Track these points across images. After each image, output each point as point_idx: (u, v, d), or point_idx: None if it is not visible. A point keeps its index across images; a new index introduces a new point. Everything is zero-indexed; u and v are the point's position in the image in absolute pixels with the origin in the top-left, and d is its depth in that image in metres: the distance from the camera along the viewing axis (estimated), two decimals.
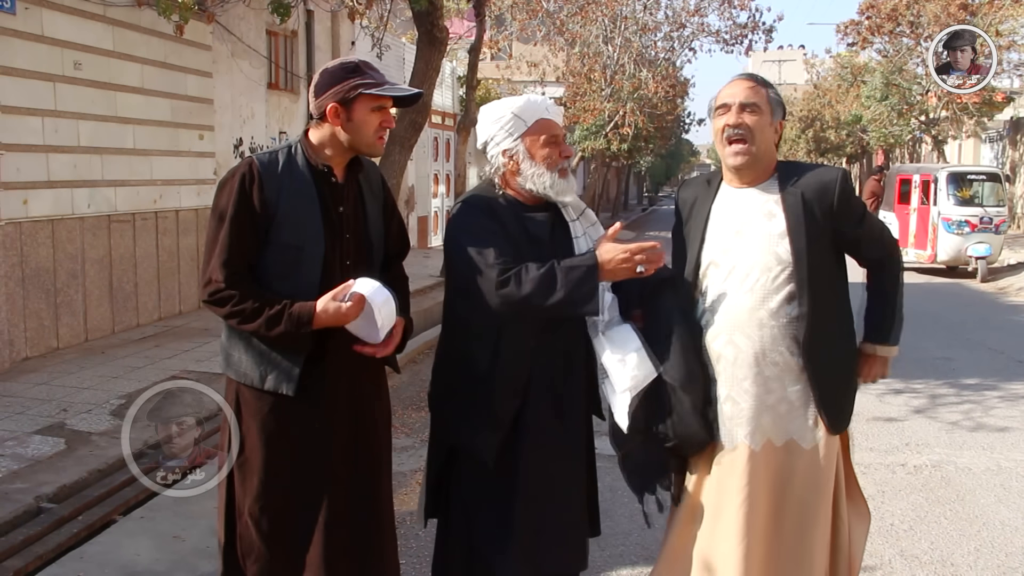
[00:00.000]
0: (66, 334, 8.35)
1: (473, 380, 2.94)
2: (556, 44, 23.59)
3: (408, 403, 7.15)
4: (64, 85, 8.21)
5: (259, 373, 2.84)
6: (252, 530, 2.88)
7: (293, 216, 2.82)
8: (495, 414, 2.91)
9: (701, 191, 3.09)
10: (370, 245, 3.01)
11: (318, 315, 2.75)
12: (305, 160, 2.89)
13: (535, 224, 2.97)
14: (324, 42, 14.14)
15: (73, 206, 8.38)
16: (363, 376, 2.99)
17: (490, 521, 2.96)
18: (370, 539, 3.01)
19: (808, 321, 2.83)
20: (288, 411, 2.86)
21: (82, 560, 4.11)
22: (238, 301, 2.76)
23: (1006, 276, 16.78)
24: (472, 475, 3.00)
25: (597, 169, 30.23)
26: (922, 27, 22.37)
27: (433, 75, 8.96)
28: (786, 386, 2.88)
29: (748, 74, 3.00)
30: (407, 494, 4.96)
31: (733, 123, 2.88)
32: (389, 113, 2.92)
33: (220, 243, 2.78)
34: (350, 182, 2.97)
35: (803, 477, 2.88)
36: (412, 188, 18.90)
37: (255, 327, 2.77)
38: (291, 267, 2.83)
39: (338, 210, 2.91)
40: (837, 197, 2.88)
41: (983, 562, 4.37)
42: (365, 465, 3.00)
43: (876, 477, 5.52)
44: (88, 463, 5.17)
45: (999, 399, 7.56)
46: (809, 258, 2.83)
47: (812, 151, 40.46)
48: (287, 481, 2.88)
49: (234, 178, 2.82)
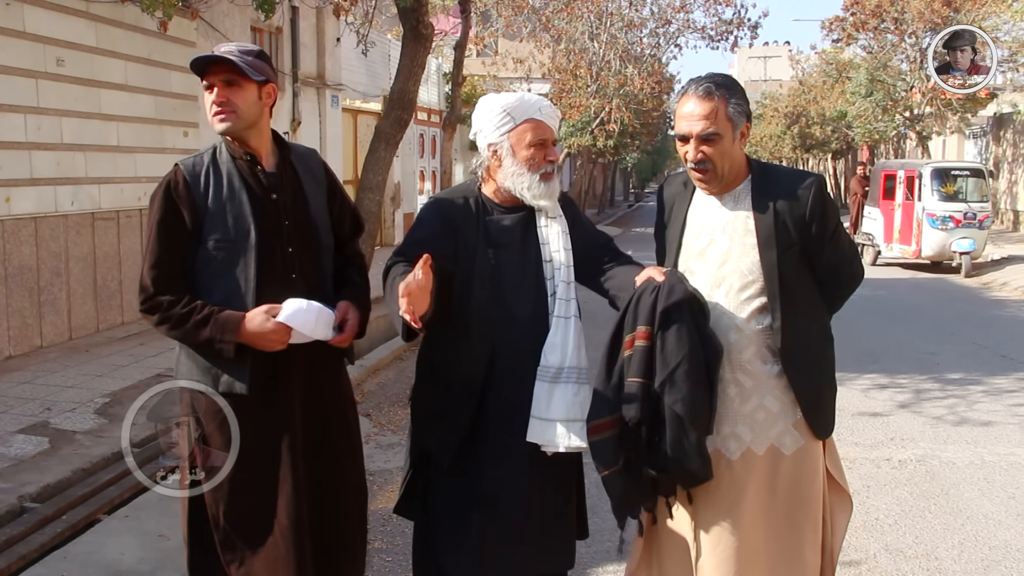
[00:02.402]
0: (50, 332, 8.30)
1: (435, 381, 2.97)
2: (542, 40, 23.58)
3: (394, 400, 7.14)
4: (47, 82, 8.14)
5: (211, 376, 2.85)
6: (231, 535, 2.88)
7: (222, 213, 2.83)
8: (451, 416, 2.92)
9: (679, 192, 3.04)
10: (315, 230, 3.00)
11: (244, 325, 2.76)
12: (229, 155, 2.90)
13: (500, 228, 2.97)
14: (309, 39, 14.10)
15: (56, 204, 8.33)
16: (318, 370, 2.98)
17: (447, 522, 2.96)
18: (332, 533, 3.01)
19: (783, 333, 2.80)
20: (245, 413, 2.85)
21: (66, 560, 4.09)
22: (167, 307, 2.79)
23: (990, 271, 16.87)
24: (436, 476, 3.01)
25: (583, 166, 30.26)
26: (906, 23, 22.49)
27: (419, 71, 8.93)
28: (763, 395, 2.85)
29: (704, 88, 2.79)
30: (392, 491, 4.95)
31: (693, 159, 2.79)
32: (216, 90, 2.83)
33: (149, 251, 2.83)
34: (283, 169, 2.97)
35: (788, 482, 2.86)
36: (398, 185, 18.87)
37: (182, 333, 2.80)
38: (226, 262, 2.84)
39: (271, 198, 2.91)
40: (810, 210, 2.81)
41: (967, 555, 4.40)
42: (326, 460, 2.99)
43: (861, 472, 5.54)
44: (72, 462, 5.14)
45: (983, 393, 7.60)
46: (780, 269, 2.79)
47: (797, 147, 40.59)
48: (252, 483, 2.87)
49: (161, 187, 2.86)
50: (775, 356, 2.83)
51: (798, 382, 2.84)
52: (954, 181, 17.23)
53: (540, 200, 2.95)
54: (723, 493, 2.84)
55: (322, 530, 2.98)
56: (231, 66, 2.82)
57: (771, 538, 2.85)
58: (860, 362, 8.59)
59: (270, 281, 2.84)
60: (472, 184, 3.07)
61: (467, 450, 2.93)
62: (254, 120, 2.89)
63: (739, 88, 2.86)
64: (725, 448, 2.85)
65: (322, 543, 2.98)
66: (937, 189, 17.04)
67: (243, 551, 2.88)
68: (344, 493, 3.05)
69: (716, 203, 2.92)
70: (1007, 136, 25.61)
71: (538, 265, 2.97)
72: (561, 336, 2.89)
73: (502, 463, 2.92)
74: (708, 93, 2.77)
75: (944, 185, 17.10)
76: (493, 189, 3.02)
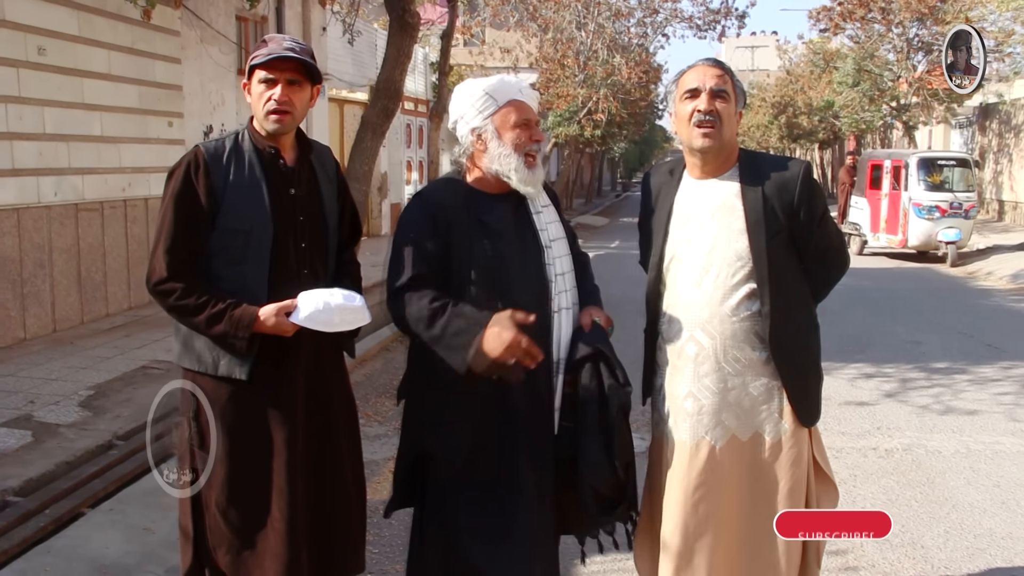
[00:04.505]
0: (33, 324, 8.24)
1: (442, 382, 2.83)
2: (529, 30, 23.56)
3: (381, 391, 7.12)
4: (28, 71, 8.07)
5: (212, 358, 2.81)
6: (221, 521, 2.85)
7: (240, 201, 2.79)
8: (463, 418, 2.83)
9: (665, 181, 3.03)
10: (326, 228, 2.98)
11: (259, 323, 2.73)
12: (252, 145, 2.85)
13: (494, 217, 2.87)
14: (295, 28, 14.01)
15: (39, 194, 8.26)
16: (321, 359, 2.95)
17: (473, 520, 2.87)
18: (331, 526, 2.99)
19: (772, 318, 2.80)
20: (246, 398, 2.83)
21: (49, 554, 4.05)
22: (181, 295, 2.74)
23: (975, 261, 16.95)
24: (445, 475, 2.90)
25: (570, 155, 30.23)
26: (893, 13, 22.53)
27: (405, 61, 8.89)
28: (748, 382, 2.85)
29: (713, 60, 2.92)
30: (380, 482, 4.93)
31: (705, 109, 2.79)
32: (279, 87, 2.80)
33: (165, 233, 2.76)
34: (302, 164, 2.93)
35: (773, 469, 2.86)
36: (385, 175, 18.82)
37: (196, 323, 2.75)
38: (239, 252, 2.80)
39: (289, 192, 2.88)
40: (798, 195, 2.81)
41: (952, 543, 4.41)
42: (326, 451, 2.97)
43: (848, 461, 5.55)
44: (56, 455, 5.11)
45: (968, 382, 7.63)
46: (769, 254, 2.79)
47: (784, 137, 40.66)
48: (249, 470, 2.85)
49: (180, 168, 2.79)
50: (763, 343, 2.83)
51: (785, 369, 2.85)
52: (940, 171, 17.31)
53: (525, 186, 2.88)
54: (707, 479, 2.85)
55: (324, 521, 2.96)
56: (298, 66, 2.79)
57: (754, 525, 2.86)
58: (846, 351, 8.61)
59: (282, 276, 2.82)
60: (456, 174, 2.97)
61: (477, 446, 2.85)
62: (301, 120, 2.89)
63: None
64: (710, 435, 2.85)
65: (324, 534, 2.96)
66: (923, 179, 17.11)
67: (231, 537, 2.85)
68: (346, 484, 3.04)
69: (704, 189, 2.91)
70: (993, 126, 25.70)
71: (538, 253, 2.90)
72: (567, 329, 2.89)
73: (515, 458, 2.85)
74: (717, 63, 2.88)
75: (930, 175, 17.16)
76: (478, 177, 2.91)
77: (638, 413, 3.23)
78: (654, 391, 3.05)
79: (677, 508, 2.88)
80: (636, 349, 3.12)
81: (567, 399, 2.86)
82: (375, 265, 5.83)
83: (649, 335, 3.06)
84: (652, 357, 3.05)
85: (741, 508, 2.87)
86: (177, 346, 2.91)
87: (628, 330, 3.81)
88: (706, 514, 2.85)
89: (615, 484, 2.82)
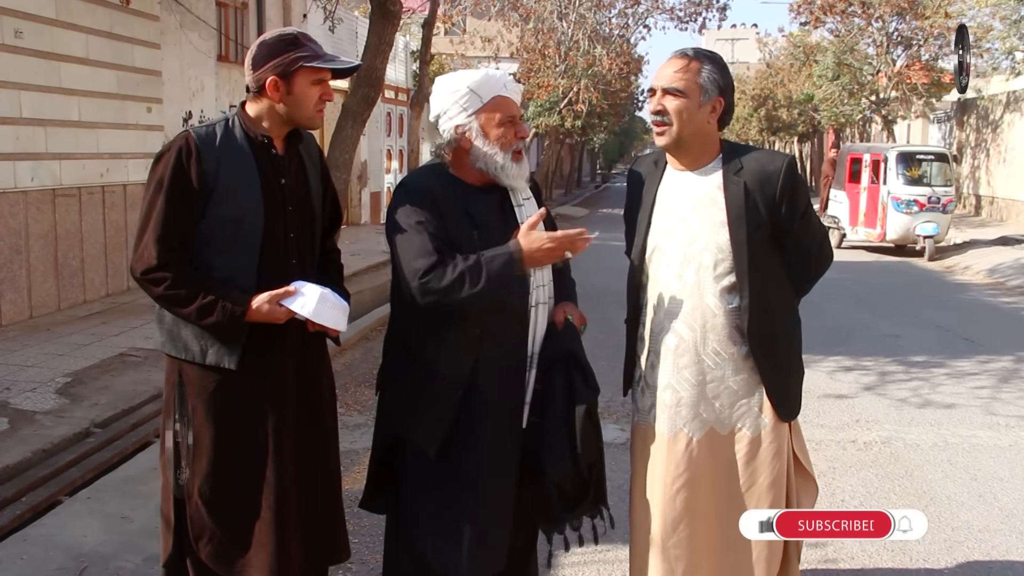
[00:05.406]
0: (9, 311, 8.15)
1: (417, 370, 2.84)
2: (510, 19, 23.53)
3: (361, 380, 7.09)
4: (4, 54, 7.96)
5: (200, 347, 2.78)
6: (203, 511, 2.82)
7: (231, 189, 2.76)
8: (439, 407, 2.81)
9: (650, 171, 3.02)
10: (314, 218, 2.97)
11: (251, 313, 2.71)
12: (243, 132, 2.82)
13: (480, 208, 2.85)
14: (275, 14, 13.91)
15: (16, 179, 8.16)
16: (307, 346, 2.93)
17: (430, 507, 2.87)
18: (319, 516, 2.97)
19: (750, 312, 2.79)
20: (233, 388, 2.80)
21: (26, 543, 4.01)
22: (171, 284, 2.70)
23: (953, 255, 17.08)
24: (415, 463, 2.90)
25: (551, 146, 30.22)
26: (873, 7, 22.63)
27: (386, 49, 8.83)
28: (728, 376, 2.85)
29: (684, 50, 2.87)
30: (359, 472, 4.91)
31: (653, 109, 2.84)
32: (328, 86, 2.87)
33: (154, 219, 2.71)
34: (291, 154, 2.92)
35: (753, 464, 2.86)
36: (365, 163, 18.74)
37: (186, 313, 2.72)
38: (229, 241, 2.77)
39: (280, 182, 2.86)
40: (780, 189, 2.80)
41: (930, 536, 4.43)
42: (314, 439, 2.96)
43: (827, 454, 5.58)
44: (32, 443, 5.06)
45: (946, 376, 7.68)
46: (750, 248, 2.78)
47: (764, 130, 40.79)
48: (236, 460, 2.82)
49: (170, 152, 2.75)
50: (743, 337, 2.83)
51: (764, 363, 2.84)
52: (919, 165, 17.44)
53: (514, 180, 2.87)
54: (685, 471, 2.85)
55: (313, 509, 2.94)
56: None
57: (734, 519, 2.86)
58: (826, 344, 8.65)
59: (271, 265, 2.79)
60: (440, 165, 2.93)
61: (451, 437, 2.83)
62: None
63: (722, 63, 2.88)
64: (688, 427, 2.85)
65: (314, 523, 2.95)
66: (902, 173, 17.22)
67: (214, 527, 2.82)
68: (330, 475, 3.03)
69: (686, 181, 2.90)
70: (970, 121, 25.87)
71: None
72: (543, 323, 2.88)
73: (487, 449, 2.83)
74: (684, 55, 2.84)
75: (909, 169, 17.29)
76: (462, 170, 2.88)
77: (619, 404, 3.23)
78: (634, 382, 3.04)
79: (656, 499, 2.89)
80: (617, 340, 3.12)
81: (537, 395, 2.86)
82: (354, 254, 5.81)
83: (630, 326, 3.06)
84: (633, 348, 3.05)
85: (720, 501, 2.87)
86: (161, 334, 2.87)
87: (608, 321, 3.81)
88: (684, 506, 2.85)
89: (578, 481, 2.83)
